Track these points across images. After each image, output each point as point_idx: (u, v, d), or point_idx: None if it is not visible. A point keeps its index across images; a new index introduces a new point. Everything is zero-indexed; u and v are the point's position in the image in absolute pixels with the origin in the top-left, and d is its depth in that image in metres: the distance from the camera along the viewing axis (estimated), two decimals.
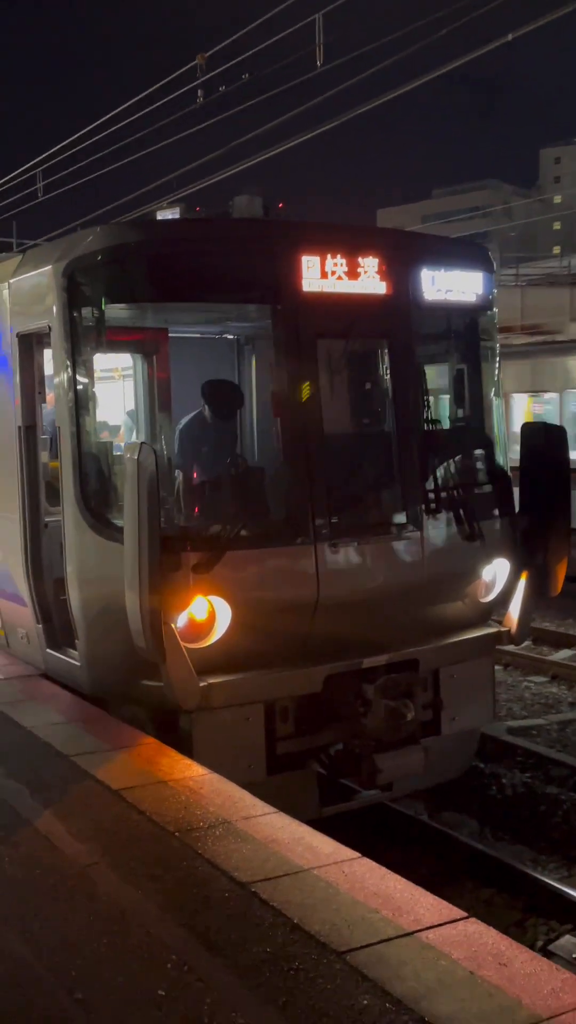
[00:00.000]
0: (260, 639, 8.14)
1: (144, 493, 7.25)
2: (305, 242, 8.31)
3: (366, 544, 8.52)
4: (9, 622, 10.11)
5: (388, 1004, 4.30)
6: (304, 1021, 4.21)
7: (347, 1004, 4.31)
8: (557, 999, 4.32)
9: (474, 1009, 4.25)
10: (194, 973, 4.57)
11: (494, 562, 9.33)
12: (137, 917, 5.05)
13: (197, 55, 11.36)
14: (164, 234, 8.35)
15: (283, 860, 5.59)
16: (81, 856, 5.70)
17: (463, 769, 10.06)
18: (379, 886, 5.32)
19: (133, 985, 4.50)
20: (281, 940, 4.81)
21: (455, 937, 4.82)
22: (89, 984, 4.52)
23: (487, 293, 9.46)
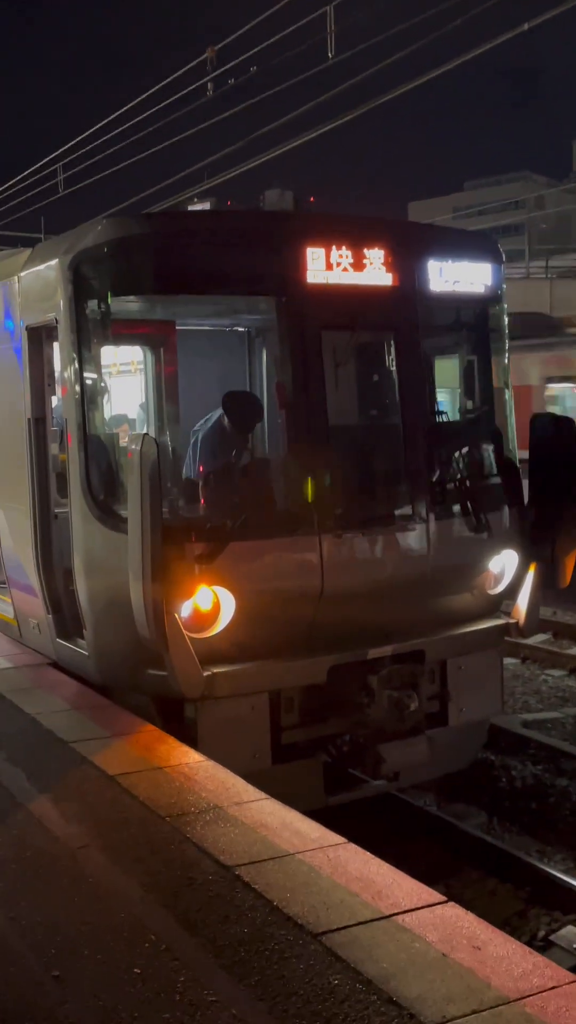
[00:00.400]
0: (264, 629, 8.18)
1: (147, 483, 7.32)
2: (310, 233, 8.34)
3: (371, 535, 8.54)
4: (22, 612, 10.24)
5: (358, 984, 4.35)
6: (273, 999, 4.27)
7: (318, 983, 4.37)
8: (526, 981, 4.35)
9: (442, 990, 4.29)
10: (171, 952, 4.64)
11: (502, 554, 9.32)
12: (120, 898, 5.13)
13: (208, 48, 11.45)
14: (169, 226, 8.40)
15: (269, 844, 5.65)
16: (72, 839, 5.80)
17: (470, 760, 10.06)
18: (362, 870, 5.36)
19: (110, 963, 4.58)
20: (260, 922, 4.87)
21: (431, 920, 4.86)
22: (67, 962, 4.60)
23: (496, 284, 9.44)
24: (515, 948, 4.62)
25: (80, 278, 8.28)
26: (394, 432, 8.94)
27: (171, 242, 8.21)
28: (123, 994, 4.34)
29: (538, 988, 4.30)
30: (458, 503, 8.97)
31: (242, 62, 11.03)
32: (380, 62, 12.09)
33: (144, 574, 7.42)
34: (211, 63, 11.52)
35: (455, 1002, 4.20)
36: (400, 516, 8.70)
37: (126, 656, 8.30)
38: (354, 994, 4.28)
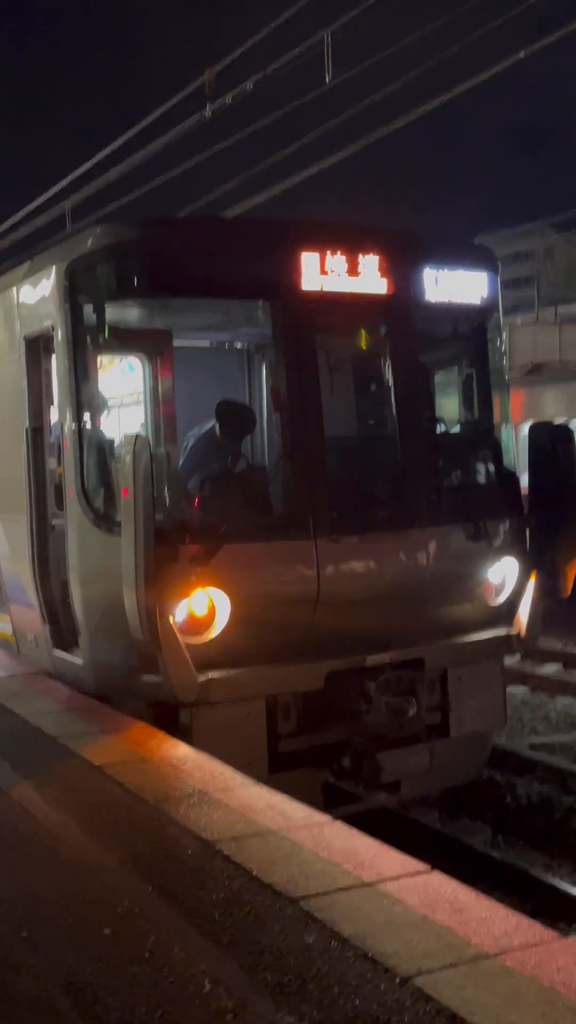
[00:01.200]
0: (261, 634, 8.09)
1: (140, 484, 7.29)
2: (305, 240, 8.39)
3: (367, 540, 8.47)
4: (19, 627, 10.17)
5: (334, 942, 4.22)
6: (244, 955, 4.14)
7: (292, 942, 4.23)
8: (508, 939, 4.20)
9: (421, 947, 4.14)
10: (144, 916, 4.52)
11: (502, 563, 9.21)
12: (96, 870, 5.01)
13: (206, 70, 11.64)
14: (164, 232, 8.46)
15: (253, 823, 5.53)
16: (52, 820, 5.69)
17: (473, 775, 9.86)
18: (346, 845, 5.23)
19: (80, 926, 4.46)
20: (236, 888, 4.74)
21: (414, 886, 4.71)
22: (37, 924, 4.49)
23: (491, 294, 9.44)
24: (498, 910, 4.47)
25: (76, 284, 8.35)
26: (390, 437, 8.91)
27: (167, 247, 8.27)
28: (91, 952, 4.21)
29: (520, 945, 4.15)
30: (456, 510, 8.89)
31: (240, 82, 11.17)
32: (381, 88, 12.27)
33: (137, 573, 7.37)
34: (209, 85, 11.74)
35: (433, 957, 4.06)
36: (397, 522, 8.62)
37: (121, 663, 8.22)
38: (328, 951, 4.15)
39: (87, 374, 8.44)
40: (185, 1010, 3.76)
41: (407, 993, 3.82)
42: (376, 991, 3.84)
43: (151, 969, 4.06)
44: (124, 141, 13.65)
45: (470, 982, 3.87)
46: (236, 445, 9.41)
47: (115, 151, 13.84)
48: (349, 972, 3.98)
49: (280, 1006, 3.77)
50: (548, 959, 4.03)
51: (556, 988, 3.82)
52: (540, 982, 3.86)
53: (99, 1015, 3.75)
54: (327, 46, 10.74)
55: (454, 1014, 3.66)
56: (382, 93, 12.23)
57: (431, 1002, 3.74)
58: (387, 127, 12.92)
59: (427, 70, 12.13)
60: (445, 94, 12.55)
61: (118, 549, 7.59)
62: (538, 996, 3.76)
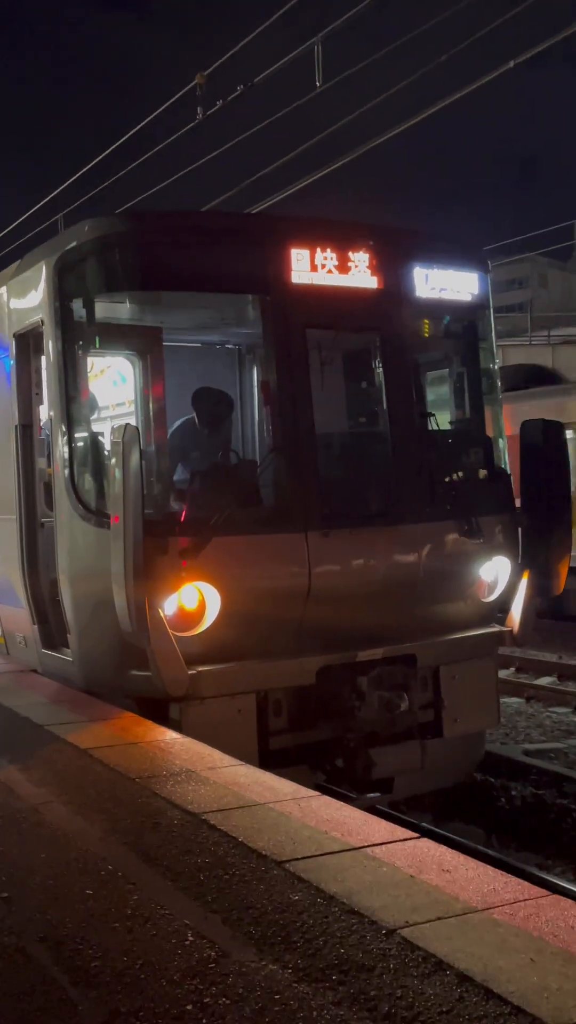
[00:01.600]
0: (251, 629, 8.02)
1: (129, 472, 7.25)
2: (295, 235, 8.39)
3: (358, 534, 8.41)
4: (8, 629, 10.10)
5: (319, 899, 4.14)
6: (228, 911, 4.07)
7: (277, 900, 4.16)
8: (496, 896, 4.14)
9: (408, 903, 4.07)
10: (126, 879, 4.44)
11: (494, 560, 9.15)
12: (79, 839, 4.93)
13: (196, 74, 11.72)
14: (153, 225, 8.46)
15: (240, 796, 5.46)
16: (36, 797, 5.61)
17: (467, 774, 9.77)
18: (334, 816, 5.16)
19: (62, 887, 4.38)
20: (222, 853, 4.67)
21: (402, 851, 4.65)
22: (18, 886, 4.41)
23: (481, 292, 9.46)
24: (486, 871, 4.40)
25: (65, 278, 8.34)
26: (381, 432, 8.88)
27: (155, 239, 8.28)
28: (71, 910, 4.14)
29: (508, 901, 4.08)
30: (447, 505, 8.84)
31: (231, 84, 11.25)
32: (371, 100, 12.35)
33: (126, 563, 7.30)
34: (200, 89, 11.82)
35: (420, 911, 3.99)
36: (388, 516, 8.57)
37: (110, 658, 8.14)
38: (314, 906, 4.07)
39: (77, 367, 8.42)
40: (167, 959, 3.68)
41: (393, 943, 3.75)
42: (362, 941, 3.77)
43: (133, 924, 3.98)
44: (115, 147, 13.73)
45: (457, 933, 3.80)
46: (215, 432, 9.36)
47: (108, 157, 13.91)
48: (334, 925, 3.91)
49: (264, 955, 3.70)
50: (537, 913, 3.97)
51: (544, 938, 3.75)
52: (529, 932, 3.79)
53: (78, 965, 3.68)
54: (317, 53, 10.83)
55: (441, 960, 3.59)
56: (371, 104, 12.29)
57: (417, 950, 3.67)
58: (378, 138, 13.03)
59: (416, 80, 12.19)
60: (438, 103, 12.64)
61: (107, 542, 7.54)
62: (526, 944, 3.70)
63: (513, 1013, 3.25)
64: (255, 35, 10.90)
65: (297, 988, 3.46)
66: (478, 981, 3.44)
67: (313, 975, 3.54)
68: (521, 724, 13.03)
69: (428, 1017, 3.25)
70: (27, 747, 6.57)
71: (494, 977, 3.46)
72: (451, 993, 3.38)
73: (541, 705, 14.08)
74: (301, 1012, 3.30)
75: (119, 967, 3.64)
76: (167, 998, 3.42)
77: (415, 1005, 3.32)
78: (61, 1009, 3.37)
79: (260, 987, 3.46)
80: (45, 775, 5.96)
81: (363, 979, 3.50)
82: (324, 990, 3.44)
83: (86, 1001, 3.42)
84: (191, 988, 3.47)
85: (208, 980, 3.52)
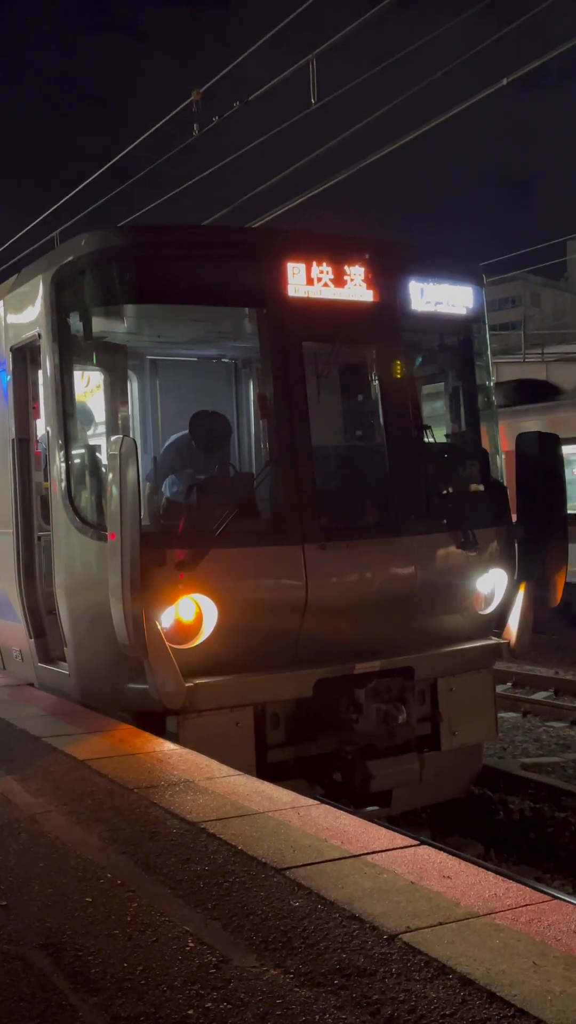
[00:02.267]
0: (249, 641, 8.01)
1: (126, 484, 7.24)
2: (291, 249, 8.42)
3: (355, 546, 8.40)
4: (4, 643, 10.07)
5: (320, 906, 4.13)
6: (228, 918, 4.04)
7: (277, 906, 4.14)
8: (498, 901, 4.12)
9: (409, 909, 4.05)
10: (126, 886, 4.42)
11: (490, 572, 9.15)
12: (78, 848, 4.91)
13: (193, 91, 11.79)
14: (150, 238, 8.49)
15: (239, 806, 5.44)
16: (34, 807, 5.58)
17: (465, 788, 9.74)
18: (333, 824, 5.14)
19: (61, 895, 4.35)
20: (221, 861, 4.65)
21: (402, 858, 4.63)
22: (17, 894, 4.38)
23: (477, 306, 9.49)
24: (488, 876, 4.39)
25: (62, 291, 8.36)
26: (378, 445, 8.89)
27: (152, 253, 8.30)
28: (71, 918, 4.11)
29: (510, 905, 4.07)
30: (444, 518, 8.84)
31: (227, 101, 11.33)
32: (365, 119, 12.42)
33: (123, 575, 7.28)
34: (196, 106, 11.88)
35: (421, 917, 3.97)
36: (385, 529, 8.57)
37: (107, 671, 8.12)
38: (314, 912, 4.06)
39: (74, 380, 8.43)
40: (168, 965, 3.66)
41: (395, 948, 3.73)
42: (363, 946, 3.75)
43: (133, 931, 3.96)
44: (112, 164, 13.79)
45: (459, 938, 3.78)
46: (210, 452, 9.35)
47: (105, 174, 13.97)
48: (335, 931, 3.89)
49: (265, 960, 3.68)
50: (539, 917, 3.95)
51: (547, 942, 3.74)
52: (531, 937, 3.77)
53: (78, 971, 3.65)
54: (312, 71, 10.90)
55: (443, 965, 3.57)
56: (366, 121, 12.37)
57: (419, 955, 3.65)
58: (372, 156, 13.11)
59: (410, 98, 12.27)
60: (432, 121, 12.72)
61: (104, 556, 7.53)
62: (528, 948, 3.68)
63: (516, 1016, 3.24)
64: (250, 53, 10.99)
65: (299, 993, 3.44)
66: (481, 985, 3.42)
67: (315, 980, 3.52)
68: (518, 738, 13.00)
69: (431, 1020, 3.24)
70: (25, 758, 6.54)
71: (497, 981, 3.44)
72: (454, 996, 3.36)
73: (538, 719, 14.05)
74: (303, 1016, 3.28)
75: (119, 973, 3.62)
76: (168, 1003, 3.39)
77: (418, 1008, 3.30)
78: (61, 1014, 3.35)
79: (262, 992, 3.44)
80: (43, 785, 5.93)
81: (365, 983, 3.48)
82: (326, 994, 3.42)
83: (86, 1007, 3.40)
84: (192, 993, 3.45)
85: (209, 985, 3.50)
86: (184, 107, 11.94)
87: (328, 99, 11.12)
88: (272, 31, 10.62)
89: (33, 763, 6.40)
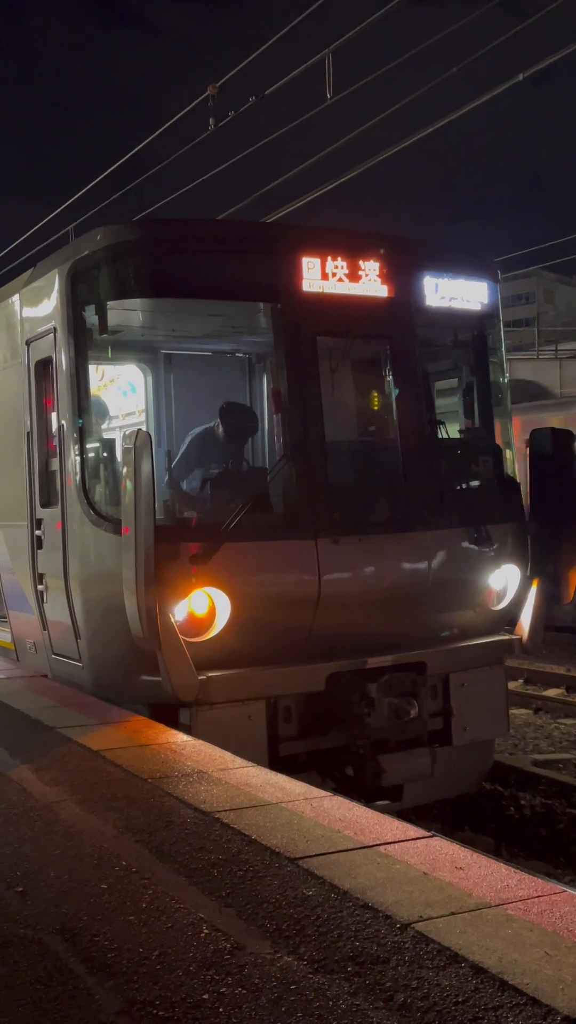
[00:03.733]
0: (261, 635, 8.04)
1: (141, 477, 7.27)
2: (306, 244, 8.44)
3: (368, 541, 8.42)
4: (19, 635, 10.13)
5: (333, 895, 4.16)
6: (243, 906, 4.08)
7: (291, 895, 4.17)
8: (510, 892, 4.15)
9: (421, 898, 4.08)
10: (140, 874, 4.46)
11: (503, 568, 9.16)
12: (93, 836, 4.95)
13: (208, 86, 11.82)
14: (165, 232, 8.52)
15: (252, 797, 5.47)
16: (49, 796, 5.63)
17: (476, 784, 9.76)
18: (346, 815, 5.17)
19: (76, 882, 4.40)
20: (235, 850, 4.69)
21: (414, 849, 4.66)
22: (33, 881, 4.43)
23: (491, 302, 9.50)
24: (500, 868, 4.41)
25: (78, 285, 8.40)
26: (390, 439, 8.91)
27: (168, 248, 8.33)
28: (86, 904, 4.16)
29: (522, 897, 4.09)
30: (457, 513, 8.86)
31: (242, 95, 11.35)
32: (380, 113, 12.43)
33: (137, 569, 7.32)
34: (212, 100, 11.91)
35: (433, 907, 4.00)
36: (398, 524, 8.58)
37: (120, 663, 8.17)
38: (327, 901, 4.09)
39: (89, 373, 8.46)
40: (183, 951, 3.70)
41: (408, 937, 3.76)
42: (376, 934, 3.78)
43: (148, 917, 4.00)
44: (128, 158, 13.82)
45: (471, 927, 3.81)
46: (237, 446, 9.39)
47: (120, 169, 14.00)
48: (348, 919, 3.92)
49: (279, 947, 3.71)
50: (551, 908, 3.98)
51: (559, 932, 3.76)
52: (543, 927, 3.80)
53: (94, 956, 3.69)
54: (328, 65, 10.92)
55: (456, 954, 3.60)
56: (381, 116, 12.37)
57: (432, 944, 3.68)
58: (387, 151, 13.12)
59: (425, 93, 12.27)
60: (448, 116, 12.71)
61: (118, 548, 7.57)
62: (540, 939, 3.71)
63: (528, 1004, 3.26)
64: (266, 48, 11.01)
65: (313, 979, 3.47)
66: (493, 973, 3.45)
67: (328, 967, 3.56)
68: (530, 735, 13.00)
69: (444, 1007, 3.26)
70: (40, 748, 6.59)
71: (509, 969, 3.47)
72: (466, 984, 3.39)
73: (550, 716, 14.04)
74: (317, 1002, 3.32)
75: (135, 958, 3.66)
76: (183, 988, 3.43)
77: (430, 995, 3.33)
78: (78, 997, 3.39)
79: (276, 978, 3.48)
80: (58, 775, 5.97)
81: (378, 971, 3.51)
82: (340, 981, 3.46)
83: (103, 990, 3.44)
84: (207, 978, 3.49)
85: (224, 971, 3.54)
86: (200, 102, 12.02)
87: (344, 94, 11.14)
88: (288, 26, 10.67)
89: (48, 753, 6.45)
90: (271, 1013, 3.25)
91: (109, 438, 8.58)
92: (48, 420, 9.21)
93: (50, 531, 8.97)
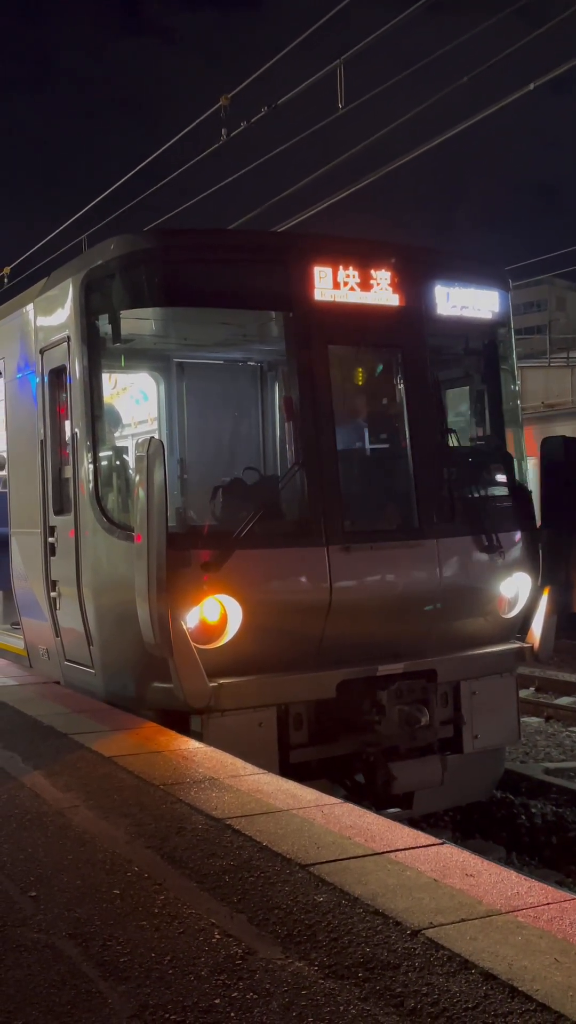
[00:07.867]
0: (272, 642, 8.06)
1: (153, 485, 7.31)
2: (318, 253, 8.48)
3: (379, 548, 8.45)
4: (32, 642, 10.18)
5: (344, 901, 4.18)
6: (254, 911, 4.11)
7: (302, 901, 4.20)
8: (520, 899, 4.16)
9: (432, 905, 4.10)
10: (152, 880, 4.49)
11: (514, 576, 9.17)
12: (105, 842, 4.98)
13: (221, 96, 11.89)
14: (178, 242, 8.57)
15: (263, 804, 5.50)
16: (61, 801, 5.66)
17: (488, 792, 9.75)
18: (356, 822, 5.19)
19: (89, 887, 4.43)
20: (246, 856, 4.71)
21: (425, 856, 4.68)
22: (46, 886, 4.46)
23: (502, 310, 9.53)
24: (510, 875, 4.43)
25: (92, 294, 8.46)
26: (401, 447, 8.93)
27: (180, 257, 8.38)
28: (99, 909, 4.19)
29: (532, 904, 4.11)
30: (468, 521, 8.88)
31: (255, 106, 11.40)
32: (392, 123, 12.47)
33: (149, 576, 7.36)
34: (224, 111, 11.99)
35: (444, 913, 4.02)
36: (409, 532, 8.61)
37: (132, 670, 8.20)
38: (338, 908, 4.11)
39: (103, 382, 8.52)
40: (195, 956, 3.73)
41: (418, 943, 3.78)
42: (386, 941, 3.80)
43: (160, 922, 4.03)
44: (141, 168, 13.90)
45: (482, 934, 3.83)
46: None
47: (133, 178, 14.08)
48: (359, 925, 3.94)
49: (290, 952, 3.74)
50: (561, 916, 3.99)
51: (569, 939, 3.78)
52: (553, 934, 3.82)
53: (107, 960, 3.72)
54: (339, 75, 10.98)
55: (466, 960, 3.62)
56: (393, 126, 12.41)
57: (442, 950, 3.70)
58: (399, 160, 13.16)
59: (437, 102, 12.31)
60: (459, 125, 12.74)
61: (131, 555, 7.61)
62: (550, 945, 3.72)
63: (538, 1010, 3.28)
64: (279, 58, 11.08)
65: (323, 984, 3.49)
66: (503, 980, 3.46)
67: (339, 972, 3.58)
68: (541, 743, 13.00)
69: (454, 1013, 3.28)
70: (52, 754, 6.63)
71: (519, 976, 3.48)
72: (476, 991, 3.41)
73: (561, 725, 14.04)
74: (328, 1007, 3.34)
75: (148, 962, 3.69)
76: (195, 992, 3.46)
77: (440, 1001, 3.35)
78: (91, 1001, 3.42)
79: (287, 983, 3.50)
80: (70, 781, 6.01)
81: (389, 976, 3.53)
82: (350, 986, 3.48)
83: (116, 994, 3.46)
84: (219, 983, 3.52)
85: (236, 976, 3.56)
86: (212, 112, 12.09)
87: (355, 104, 11.20)
88: (300, 37, 10.73)
89: (60, 759, 6.49)
90: (282, 1018, 3.27)
91: (122, 446, 8.63)
92: (62, 428, 9.26)
93: (63, 538, 9.02)
